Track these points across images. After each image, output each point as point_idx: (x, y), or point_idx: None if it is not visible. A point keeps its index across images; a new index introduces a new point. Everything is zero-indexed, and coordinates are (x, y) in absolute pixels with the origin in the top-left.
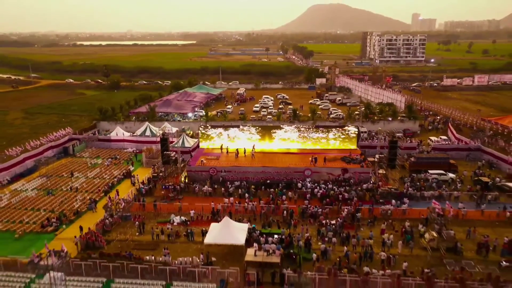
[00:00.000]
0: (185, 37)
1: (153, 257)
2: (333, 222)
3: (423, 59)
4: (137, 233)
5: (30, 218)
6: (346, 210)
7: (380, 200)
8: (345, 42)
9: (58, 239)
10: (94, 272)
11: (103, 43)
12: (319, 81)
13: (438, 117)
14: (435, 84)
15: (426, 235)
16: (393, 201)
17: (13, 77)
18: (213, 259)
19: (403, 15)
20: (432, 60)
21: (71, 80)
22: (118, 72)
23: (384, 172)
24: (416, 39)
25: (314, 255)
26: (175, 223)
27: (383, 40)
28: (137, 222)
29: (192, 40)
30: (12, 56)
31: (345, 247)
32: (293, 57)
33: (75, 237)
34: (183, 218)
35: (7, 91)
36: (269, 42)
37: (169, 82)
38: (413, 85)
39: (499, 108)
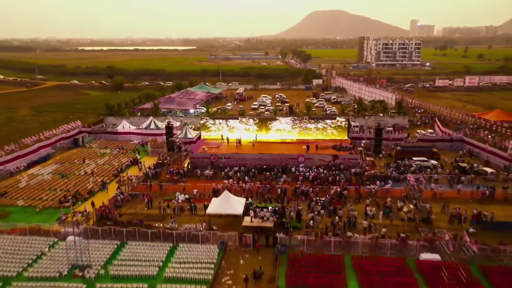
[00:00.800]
0: (185, 43)
1: (161, 225)
2: (322, 199)
3: (419, 62)
4: (145, 208)
5: (48, 196)
6: (334, 189)
7: (367, 182)
8: (344, 48)
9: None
10: (109, 237)
11: (105, 48)
12: (316, 82)
13: (426, 113)
14: (428, 85)
15: (404, 208)
16: (378, 182)
17: (18, 79)
18: (214, 228)
19: (402, 22)
20: (428, 64)
21: (76, 82)
22: (121, 74)
23: (372, 159)
24: (411, 44)
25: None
26: (179, 200)
27: (379, 44)
28: (146, 199)
29: (192, 46)
30: (16, 60)
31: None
32: (292, 61)
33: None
34: (186, 196)
35: (20, 91)
36: (269, 47)
37: (171, 83)
38: (406, 86)
39: (486, 106)
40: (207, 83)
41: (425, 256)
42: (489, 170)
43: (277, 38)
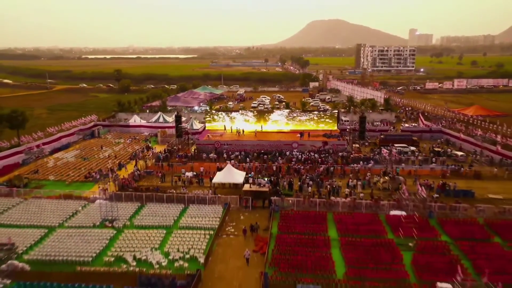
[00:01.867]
0: (186, 52)
1: (174, 191)
2: (312, 174)
3: (413, 68)
4: (159, 181)
5: (75, 173)
6: (322, 167)
7: (351, 163)
8: (343, 56)
9: (97, 186)
10: (131, 200)
11: (108, 56)
12: (312, 84)
13: (413, 110)
14: (418, 88)
15: (381, 179)
16: (361, 162)
17: (28, 83)
18: (219, 195)
19: (401, 31)
20: (422, 70)
21: (85, 85)
22: (126, 78)
23: (358, 146)
24: (406, 50)
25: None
26: (188, 177)
27: (375, 51)
28: (159, 174)
29: (193, 54)
30: (23, 67)
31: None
32: (291, 67)
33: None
34: (194, 172)
35: (32, 93)
36: (269, 55)
37: (175, 86)
38: (398, 88)
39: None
40: (210, 86)
41: (394, 212)
42: (459, 153)
43: (277, 47)
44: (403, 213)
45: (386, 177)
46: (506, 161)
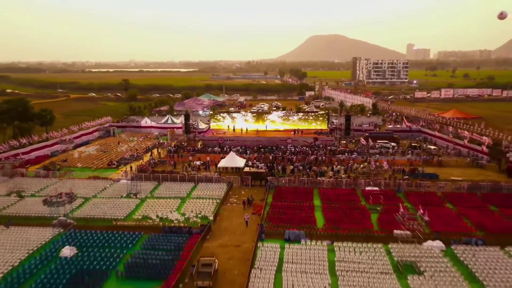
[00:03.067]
0: (187, 66)
1: (185, 173)
2: (303, 162)
3: (407, 80)
4: (172, 168)
5: (98, 162)
6: (313, 156)
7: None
8: (341, 70)
9: (119, 172)
10: (149, 180)
11: (111, 70)
12: (309, 93)
13: (399, 114)
14: (408, 97)
15: (361, 165)
16: (346, 154)
17: (39, 92)
18: (223, 178)
19: (399, 46)
20: (415, 81)
21: (94, 94)
22: (133, 88)
23: (345, 142)
24: (400, 63)
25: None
26: (196, 165)
27: (370, 64)
28: (172, 162)
29: (194, 68)
30: (32, 78)
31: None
32: (289, 80)
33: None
34: (201, 161)
35: (45, 102)
36: (269, 69)
37: (180, 95)
38: (389, 97)
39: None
40: (212, 94)
41: (368, 188)
42: (432, 147)
43: (277, 61)
44: (376, 188)
45: (365, 163)
46: (472, 153)
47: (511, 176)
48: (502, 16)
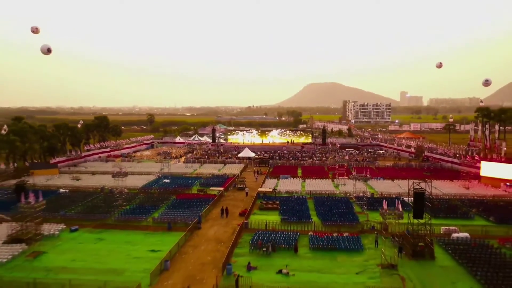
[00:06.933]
0: (189, 110)
1: (218, 159)
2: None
3: (389, 120)
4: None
5: (155, 157)
6: (300, 154)
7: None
8: (336, 114)
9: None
10: (194, 163)
11: (120, 113)
12: (302, 126)
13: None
14: (384, 130)
15: (329, 157)
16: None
17: None
18: (241, 161)
19: (393, 93)
20: (397, 121)
21: (123, 127)
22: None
23: (323, 150)
24: (383, 105)
25: None
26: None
27: (357, 105)
28: (206, 157)
29: (197, 112)
30: (49, 118)
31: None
32: (287, 119)
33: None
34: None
35: None
36: (268, 113)
37: (195, 127)
38: (368, 130)
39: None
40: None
41: (331, 165)
42: (381, 151)
43: (275, 107)
44: (336, 166)
45: (332, 157)
46: (407, 155)
47: (423, 161)
48: (487, 83)
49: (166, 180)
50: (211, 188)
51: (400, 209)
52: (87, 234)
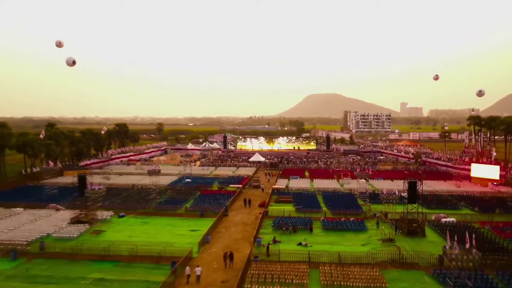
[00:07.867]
0: (192, 121)
1: (231, 163)
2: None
3: (390, 130)
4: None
5: (171, 162)
6: (306, 159)
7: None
8: (336, 124)
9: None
10: (209, 166)
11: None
12: (305, 135)
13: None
14: (384, 139)
15: (334, 161)
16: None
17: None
18: (252, 165)
19: (393, 104)
20: (396, 131)
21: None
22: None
23: (327, 155)
24: (383, 115)
25: None
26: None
27: (358, 115)
28: (219, 161)
29: (199, 123)
30: (68, 128)
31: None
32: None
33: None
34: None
35: None
36: (270, 123)
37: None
38: (369, 139)
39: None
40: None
41: (336, 168)
42: (382, 157)
43: (276, 117)
44: (341, 168)
45: (336, 162)
46: (404, 160)
47: (420, 165)
48: (480, 93)
49: (188, 180)
50: (230, 186)
51: (397, 194)
52: (133, 219)
